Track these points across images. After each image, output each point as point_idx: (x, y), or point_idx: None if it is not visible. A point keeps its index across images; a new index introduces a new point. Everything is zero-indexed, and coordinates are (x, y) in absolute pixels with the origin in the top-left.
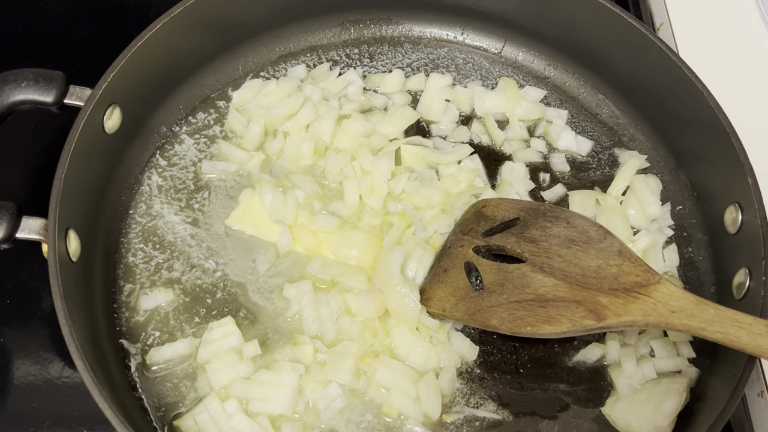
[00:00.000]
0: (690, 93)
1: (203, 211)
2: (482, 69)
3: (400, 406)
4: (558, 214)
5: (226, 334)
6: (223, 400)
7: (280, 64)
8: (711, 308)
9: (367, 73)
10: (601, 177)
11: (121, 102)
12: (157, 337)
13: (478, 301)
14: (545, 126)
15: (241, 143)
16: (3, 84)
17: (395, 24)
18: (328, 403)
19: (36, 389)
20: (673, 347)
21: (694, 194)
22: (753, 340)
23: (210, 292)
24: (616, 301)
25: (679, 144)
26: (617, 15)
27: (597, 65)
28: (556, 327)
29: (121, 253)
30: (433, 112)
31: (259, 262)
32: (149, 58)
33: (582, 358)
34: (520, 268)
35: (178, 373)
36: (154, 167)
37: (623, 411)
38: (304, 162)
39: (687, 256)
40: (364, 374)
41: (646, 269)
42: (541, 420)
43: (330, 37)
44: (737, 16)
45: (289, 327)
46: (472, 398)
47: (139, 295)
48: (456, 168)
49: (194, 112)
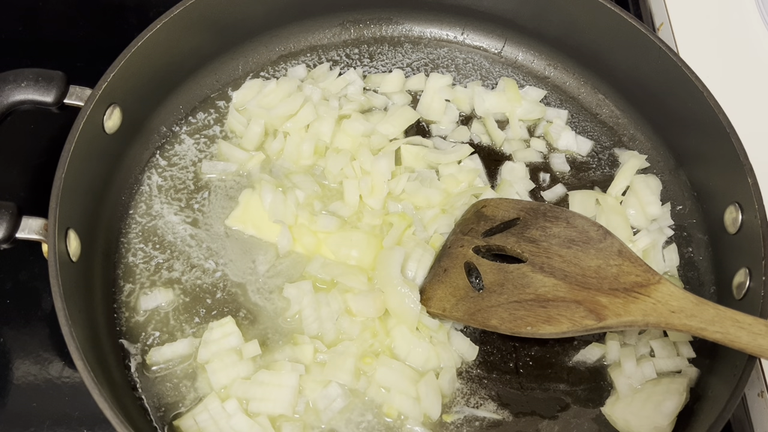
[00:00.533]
0: (690, 93)
1: (203, 211)
2: (482, 69)
3: (400, 406)
4: (558, 214)
5: (226, 334)
6: (223, 400)
7: (280, 64)
8: (711, 308)
9: (367, 73)
10: (601, 177)
11: (121, 102)
12: (157, 337)
13: (478, 301)
14: (545, 126)
15: (241, 143)
16: (3, 84)
17: (395, 24)
18: (328, 403)
19: (36, 389)
20: (673, 347)
21: (694, 194)
22: (753, 340)
23: (210, 292)
24: (616, 301)
25: (679, 144)
26: (617, 15)
27: (597, 65)
28: (556, 327)
29: (121, 253)
30: (433, 112)
31: (258, 263)
32: (149, 58)
33: (582, 358)
34: (520, 268)
35: (178, 373)
36: (154, 167)
37: (623, 411)
38: (304, 162)
39: (687, 256)
40: (364, 374)
41: (646, 269)
42: (541, 420)
43: (330, 37)
44: (737, 16)
45: (289, 327)
46: (472, 398)
47: (139, 295)
48: (456, 168)
49: (194, 112)
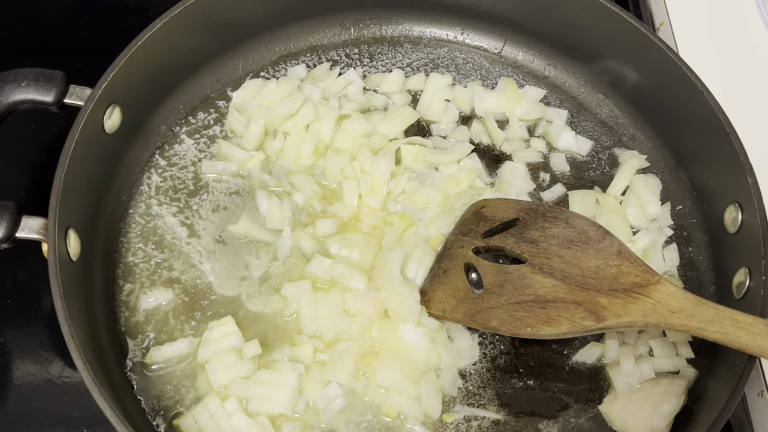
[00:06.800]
0: (690, 93)
1: (202, 211)
2: (482, 69)
3: (399, 406)
4: (557, 214)
5: (226, 333)
6: (222, 400)
7: (280, 64)
8: (710, 308)
9: (367, 73)
10: (601, 177)
11: (121, 102)
12: (156, 337)
13: (477, 303)
14: (545, 126)
15: (241, 143)
16: (3, 84)
17: (395, 24)
18: (328, 402)
19: (36, 389)
20: (672, 347)
21: (694, 194)
22: (753, 339)
23: (209, 291)
24: (615, 301)
25: (679, 144)
26: (617, 15)
27: (597, 65)
28: (556, 328)
29: (121, 253)
30: (433, 112)
31: (256, 265)
32: (149, 58)
33: (582, 357)
34: (520, 269)
35: (177, 372)
36: (153, 167)
37: (620, 410)
38: (304, 162)
39: (687, 256)
40: (363, 374)
41: (646, 269)
42: (541, 420)
43: (330, 37)
44: (737, 16)
45: (288, 327)
46: (472, 398)
47: (139, 294)
48: (456, 168)
49: (194, 112)
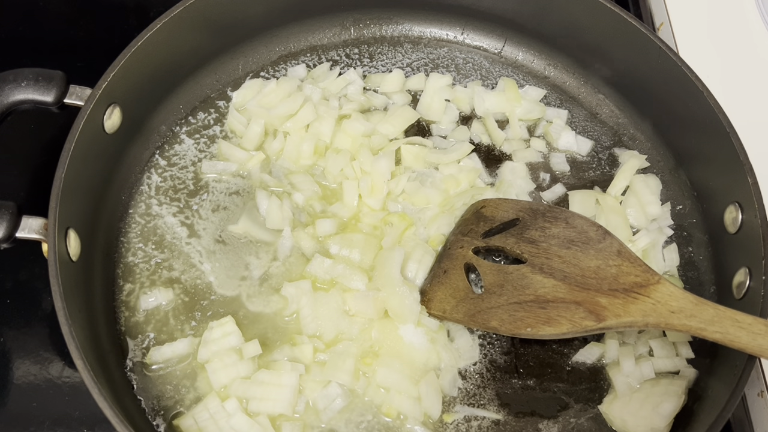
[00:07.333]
0: (690, 93)
1: (202, 211)
2: (482, 69)
3: (399, 406)
4: (557, 214)
5: (226, 333)
6: (223, 400)
7: (280, 64)
8: (710, 308)
9: (367, 73)
10: (601, 177)
11: (121, 102)
12: (156, 337)
13: (478, 303)
14: (545, 126)
15: (241, 143)
16: (3, 84)
17: (395, 24)
18: (328, 402)
19: (36, 389)
20: (672, 347)
21: (694, 194)
22: (753, 339)
23: (209, 291)
24: (615, 301)
25: (679, 144)
26: (617, 15)
27: (597, 65)
28: (556, 328)
29: (121, 253)
30: (433, 112)
31: (256, 265)
32: (149, 58)
33: (582, 357)
34: (520, 269)
35: (177, 372)
36: (153, 167)
37: (620, 410)
38: (304, 162)
39: (687, 256)
40: (363, 374)
41: (646, 269)
42: (541, 420)
43: (330, 37)
44: (737, 16)
45: (288, 327)
46: (472, 398)
47: (139, 294)
48: (456, 168)
49: (194, 112)
